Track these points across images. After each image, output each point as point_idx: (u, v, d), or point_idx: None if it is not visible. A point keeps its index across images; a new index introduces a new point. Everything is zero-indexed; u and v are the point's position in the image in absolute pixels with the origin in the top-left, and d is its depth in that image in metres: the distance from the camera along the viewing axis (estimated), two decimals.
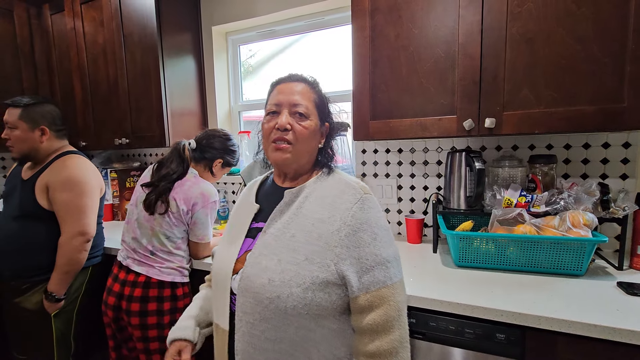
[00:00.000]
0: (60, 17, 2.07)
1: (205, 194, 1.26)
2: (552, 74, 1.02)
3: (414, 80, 1.19)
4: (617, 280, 1.00)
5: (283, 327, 0.68)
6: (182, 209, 1.23)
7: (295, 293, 0.67)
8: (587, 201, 1.08)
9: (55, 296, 1.31)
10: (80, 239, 1.32)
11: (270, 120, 0.78)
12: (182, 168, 1.27)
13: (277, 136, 0.76)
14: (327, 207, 0.73)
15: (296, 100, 0.77)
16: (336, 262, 0.68)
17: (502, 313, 0.87)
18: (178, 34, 1.86)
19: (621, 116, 0.96)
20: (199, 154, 1.36)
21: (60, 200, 1.31)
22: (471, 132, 1.12)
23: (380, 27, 1.22)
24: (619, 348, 0.78)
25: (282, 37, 1.96)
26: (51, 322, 1.35)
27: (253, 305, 0.69)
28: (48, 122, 1.40)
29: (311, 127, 0.78)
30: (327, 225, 0.71)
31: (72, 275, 1.34)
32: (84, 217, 1.33)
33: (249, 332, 0.70)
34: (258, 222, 0.80)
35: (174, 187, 1.24)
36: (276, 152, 0.76)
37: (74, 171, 1.35)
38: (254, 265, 0.72)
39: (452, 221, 1.39)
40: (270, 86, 0.85)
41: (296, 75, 0.83)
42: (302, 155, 0.78)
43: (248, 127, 2.16)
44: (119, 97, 1.90)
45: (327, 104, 0.84)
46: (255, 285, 0.69)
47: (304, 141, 0.77)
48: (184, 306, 1.26)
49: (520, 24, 1.04)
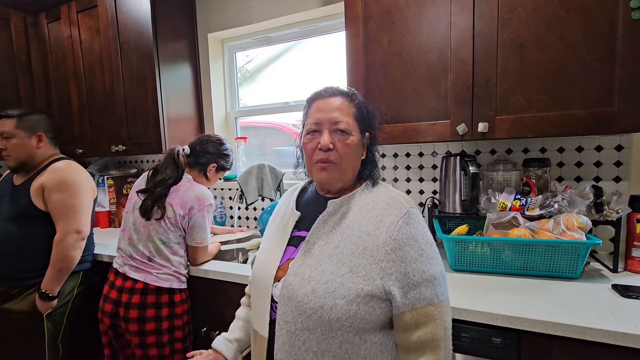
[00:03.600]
0: (56, 26, 2.08)
1: (201, 197, 1.27)
2: (543, 79, 1.03)
3: (407, 85, 1.20)
4: (612, 283, 1.00)
5: (326, 339, 0.67)
6: (179, 214, 1.23)
7: (340, 305, 0.65)
8: (581, 204, 1.09)
9: (49, 294, 1.33)
10: (75, 236, 1.35)
11: (311, 139, 0.76)
12: (177, 173, 1.29)
13: (321, 157, 0.74)
14: (373, 219, 0.72)
15: (336, 117, 0.75)
16: (382, 277, 0.67)
17: (498, 317, 0.87)
18: (174, 41, 1.87)
19: (612, 120, 0.97)
20: (193, 160, 1.37)
21: (55, 200, 1.35)
22: (465, 136, 1.13)
23: (373, 33, 1.24)
24: (614, 351, 0.78)
25: (277, 43, 1.98)
26: (43, 323, 1.36)
27: (295, 314, 0.69)
28: (44, 128, 1.47)
29: (354, 143, 0.76)
30: (373, 238, 0.70)
31: (65, 274, 1.36)
32: (79, 216, 1.37)
33: (289, 342, 0.69)
34: (300, 231, 0.79)
35: (169, 193, 1.25)
36: (321, 172, 0.75)
37: (68, 173, 1.40)
38: (297, 275, 0.71)
39: (448, 225, 1.39)
40: (306, 102, 0.82)
41: (332, 89, 0.80)
42: (347, 173, 0.77)
43: (245, 132, 2.16)
44: (116, 104, 1.91)
45: (367, 114, 0.81)
46: (298, 295, 0.69)
47: (348, 158, 0.75)
48: (181, 312, 1.26)
49: (511, 30, 1.05)
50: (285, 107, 1.97)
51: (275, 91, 2.04)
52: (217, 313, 1.31)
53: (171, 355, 1.25)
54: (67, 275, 1.37)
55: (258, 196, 1.78)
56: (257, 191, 1.78)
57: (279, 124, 2.09)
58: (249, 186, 1.76)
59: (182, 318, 1.27)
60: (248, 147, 2.09)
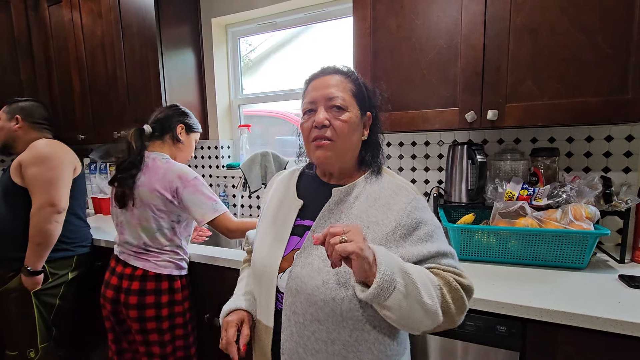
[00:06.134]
0: (57, 9, 2.04)
1: (182, 175, 1.21)
2: (555, 65, 1.01)
3: (415, 71, 1.18)
4: (618, 273, 0.99)
5: (337, 329, 0.66)
6: (166, 197, 1.19)
7: (351, 295, 0.65)
8: (590, 194, 1.07)
9: (30, 269, 1.33)
10: (49, 209, 1.33)
11: (308, 119, 0.74)
12: (134, 153, 1.23)
13: (316, 134, 0.72)
14: (380, 208, 0.71)
15: (331, 93, 0.72)
16: None
17: (503, 305, 0.86)
18: (177, 26, 1.84)
19: (625, 108, 0.95)
20: (159, 131, 1.31)
21: (30, 174, 1.35)
22: (473, 124, 1.11)
23: (381, 18, 1.21)
24: (620, 340, 0.78)
25: (282, 29, 1.94)
26: (32, 299, 1.37)
27: (305, 306, 0.67)
28: (25, 113, 1.50)
29: (351, 119, 0.72)
30: (382, 227, 0.69)
31: (44, 249, 1.35)
32: (53, 189, 1.36)
33: (297, 333, 0.68)
34: (304, 220, 0.77)
35: (149, 179, 1.20)
36: (317, 150, 0.73)
37: (43, 148, 1.40)
38: (305, 266, 0.69)
39: (453, 214, 1.38)
40: (304, 84, 0.80)
41: (329, 68, 0.78)
42: (345, 152, 0.74)
43: (248, 121, 2.14)
44: (118, 89, 1.88)
45: (367, 92, 0.78)
46: (308, 287, 0.67)
47: (345, 136, 0.72)
48: (182, 299, 1.26)
49: (524, 14, 1.02)
50: (290, 94, 1.94)
51: (279, 79, 2.01)
52: (220, 299, 1.31)
53: (172, 342, 1.25)
54: (47, 251, 1.35)
55: (261, 184, 1.77)
56: (261, 179, 1.77)
57: (282, 113, 2.07)
58: (253, 174, 1.75)
59: (183, 305, 1.27)
60: (251, 136, 2.07)
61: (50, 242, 1.35)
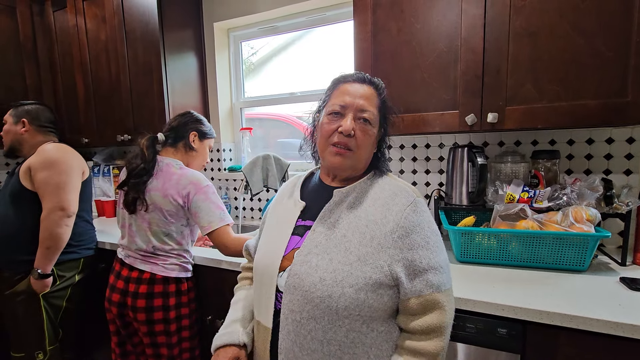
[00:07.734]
0: (62, 14, 2.07)
1: (195, 181, 1.23)
2: (555, 69, 1.01)
3: (416, 74, 1.19)
4: (619, 276, 0.99)
5: (333, 328, 0.67)
6: (178, 202, 1.21)
7: (348, 293, 0.66)
8: (590, 197, 1.07)
9: (40, 272, 1.35)
10: (59, 213, 1.35)
11: (332, 121, 0.74)
12: (147, 160, 1.24)
13: (338, 140, 0.73)
14: (380, 208, 0.72)
15: (363, 105, 0.74)
16: (389, 264, 0.68)
17: (504, 307, 0.86)
18: (180, 30, 1.86)
19: (625, 110, 0.95)
20: (173, 139, 1.33)
21: (40, 178, 1.37)
22: (473, 127, 1.12)
23: (382, 21, 1.22)
24: (620, 343, 0.78)
25: (283, 33, 1.96)
26: (40, 303, 1.39)
27: (302, 303, 0.68)
28: (31, 117, 1.51)
29: (373, 135, 0.76)
30: (380, 226, 0.70)
31: (54, 252, 1.36)
32: (63, 193, 1.37)
33: (294, 331, 0.69)
34: (305, 220, 0.78)
35: (163, 184, 1.21)
36: (336, 156, 0.74)
37: (52, 152, 1.42)
38: (303, 264, 0.70)
39: (454, 217, 1.38)
40: (332, 82, 0.80)
41: (362, 75, 0.78)
42: (360, 162, 0.77)
43: (250, 124, 2.16)
44: (121, 93, 1.90)
45: (386, 110, 0.80)
46: (305, 284, 0.68)
47: (365, 148, 0.75)
48: (188, 300, 1.27)
49: (524, 18, 1.03)
50: (292, 97, 1.95)
51: (280, 83, 2.03)
52: (222, 302, 1.32)
53: (179, 343, 1.26)
54: (56, 254, 1.37)
55: (263, 187, 1.78)
56: (262, 182, 1.78)
57: (283, 116, 2.08)
58: (254, 177, 1.76)
59: (189, 306, 1.28)
60: (253, 139, 2.08)
61: (60, 245, 1.37)
